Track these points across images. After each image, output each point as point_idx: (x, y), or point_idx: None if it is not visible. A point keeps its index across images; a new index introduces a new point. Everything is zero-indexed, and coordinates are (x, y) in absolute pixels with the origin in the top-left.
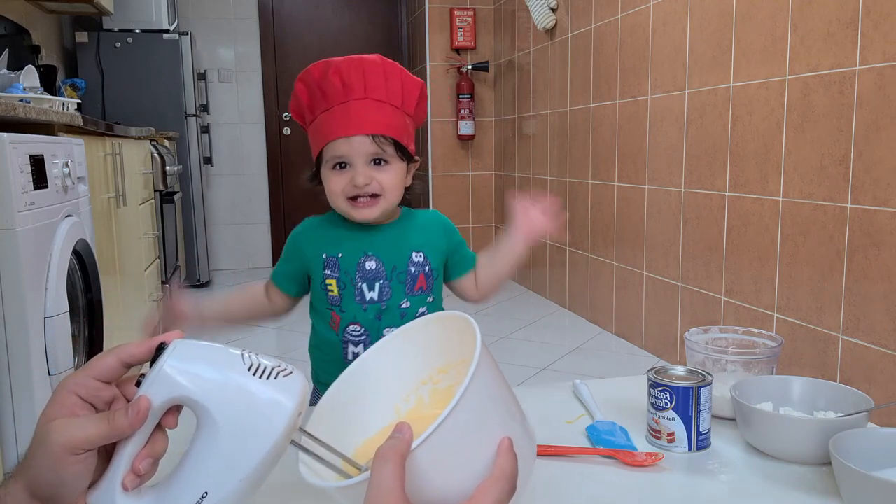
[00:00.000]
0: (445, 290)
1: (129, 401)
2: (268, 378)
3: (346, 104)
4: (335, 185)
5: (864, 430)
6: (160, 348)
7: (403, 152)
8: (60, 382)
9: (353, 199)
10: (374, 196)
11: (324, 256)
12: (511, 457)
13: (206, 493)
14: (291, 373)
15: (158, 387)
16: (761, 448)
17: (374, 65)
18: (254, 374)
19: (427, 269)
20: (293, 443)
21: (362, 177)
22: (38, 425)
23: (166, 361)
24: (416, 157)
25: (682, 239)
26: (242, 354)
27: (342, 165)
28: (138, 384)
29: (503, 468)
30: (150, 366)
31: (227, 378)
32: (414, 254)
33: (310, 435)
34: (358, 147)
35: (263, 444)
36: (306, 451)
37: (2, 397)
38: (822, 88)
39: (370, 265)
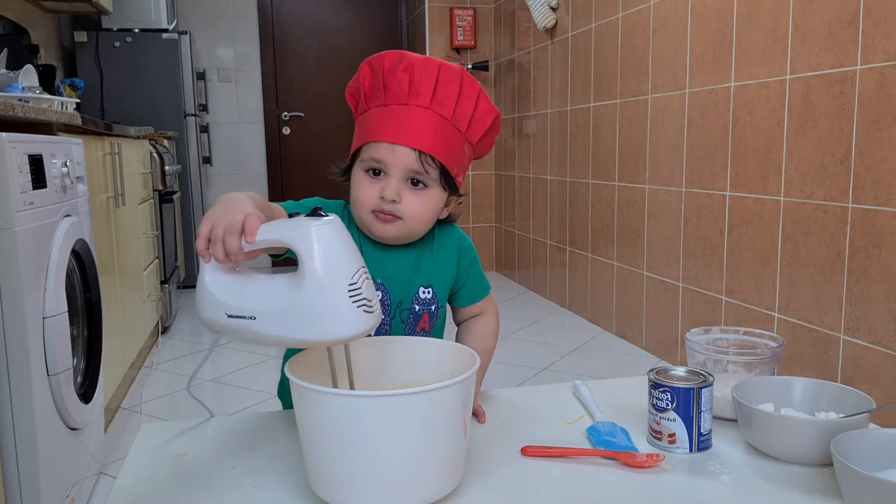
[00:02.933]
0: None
1: None
2: (352, 300)
3: (405, 107)
4: (364, 195)
5: (865, 431)
6: (316, 211)
7: (448, 181)
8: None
9: (376, 211)
10: (395, 216)
11: None
12: None
13: (255, 317)
14: (372, 312)
15: (294, 231)
16: (763, 449)
17: (452, 75)
18: (347, 289)
19: (433, 308)
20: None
21: (392, 189)
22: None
23: (315, 224)
24: (462, 193)
25: (682, 239)
26: (359, 270)
27: (376, 172)
28: (291, 215)
29: None
30: (307, 215)
31: (328, 270)
32: (422, 289)
33: (335, 355)
34: (399, 158)
35: (304, 331)
36: (331, 361)
37: (1, 397)
38: (823, 88)
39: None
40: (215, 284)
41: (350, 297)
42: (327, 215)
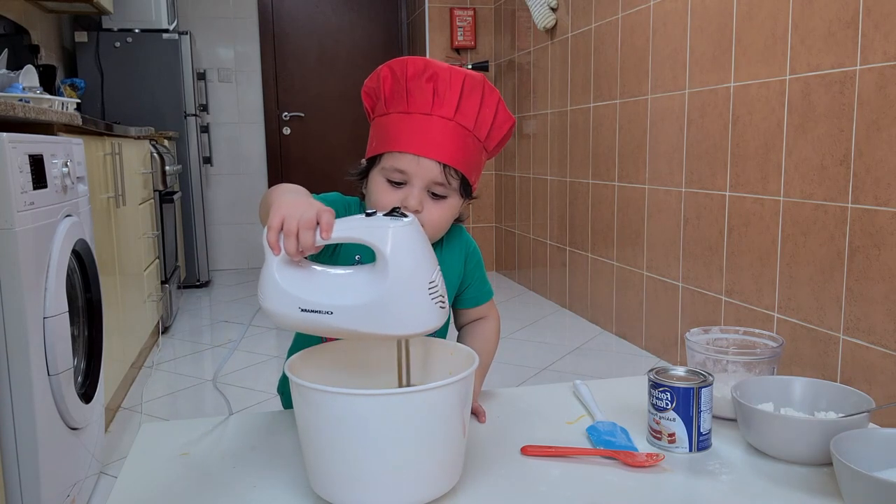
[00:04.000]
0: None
1: None
2: (431, 297)
3: (429, 117)
4: (385, 201)
5: (865, 431)
6: (397, 210)
7: (466, 189)
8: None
9: None
10: None
11: None
12: None
13: (332, 312)
14: (445, 307)
15: (377, 231)
16: (762, 449)
17: (475, 87)
18: (428, 287)
19: None
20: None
21: (415, 200)
22: None
23: (399, 224)
24: (475, 195)
25: (682, 239)
26: (436, 269)
27: (398, 183)
28: (368, 215)
29: None
30: (386, 214)
31: (411, 270)
32: None
33: (405, 348)
34: (423, 170)
35: (384, 326)
36: (399, 354)
37: (1, 397)
38: (823, 88)
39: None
40: (286, 279)
41: (429, 294)
42: (406, 216)
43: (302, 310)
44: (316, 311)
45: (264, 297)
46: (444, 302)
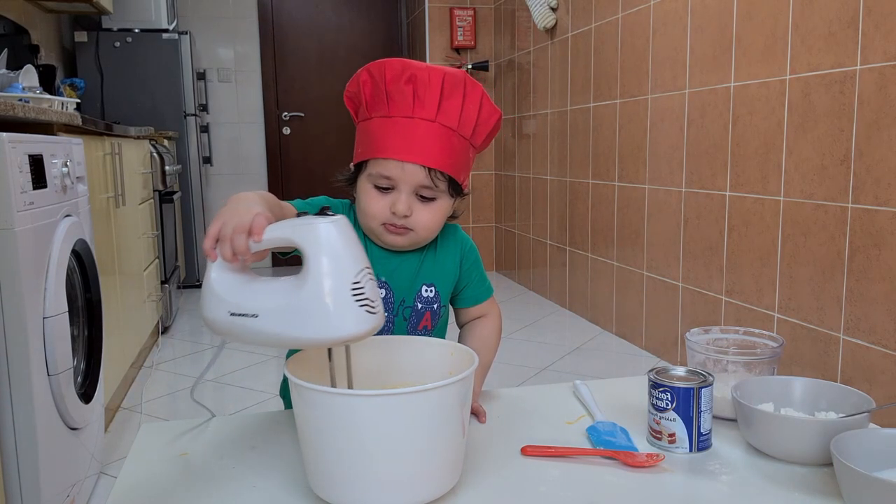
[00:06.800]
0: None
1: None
2: (355, 299)
3: (411, 120)
4: (373, 208)
5: (865, 431)
6: (324, 210)
7: (455, 188)
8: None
9: (387, 224)
10: (407, 228)
11: None
12: None
13: (258, 315)
14: (375, 313)
15: (299, 230)
16: (762, 449)
17: (455, 85)
18: (350, 288)
19: (435, 306)
20: (329, 350)
21: (403, 205)
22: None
23: (320, 222)
24: (466, 192)
25: (682, 239)
26: (363, 270)
27: (386, 188)
28: (299, 214)
29: None
30: (316, 213)
31: (330, 268)
32: (424, 287)
33: (335, 358)
34: (409, 175)
35: (305, 330)
36: (330, 361)
37: (1, 397)
38: (823, 88)
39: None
40: (220, 283)
41: (353, 296)
42: (334, 214)
43: (231, 314)
44: (243, 315)
45: (201, 304)
46: (371, 306)
